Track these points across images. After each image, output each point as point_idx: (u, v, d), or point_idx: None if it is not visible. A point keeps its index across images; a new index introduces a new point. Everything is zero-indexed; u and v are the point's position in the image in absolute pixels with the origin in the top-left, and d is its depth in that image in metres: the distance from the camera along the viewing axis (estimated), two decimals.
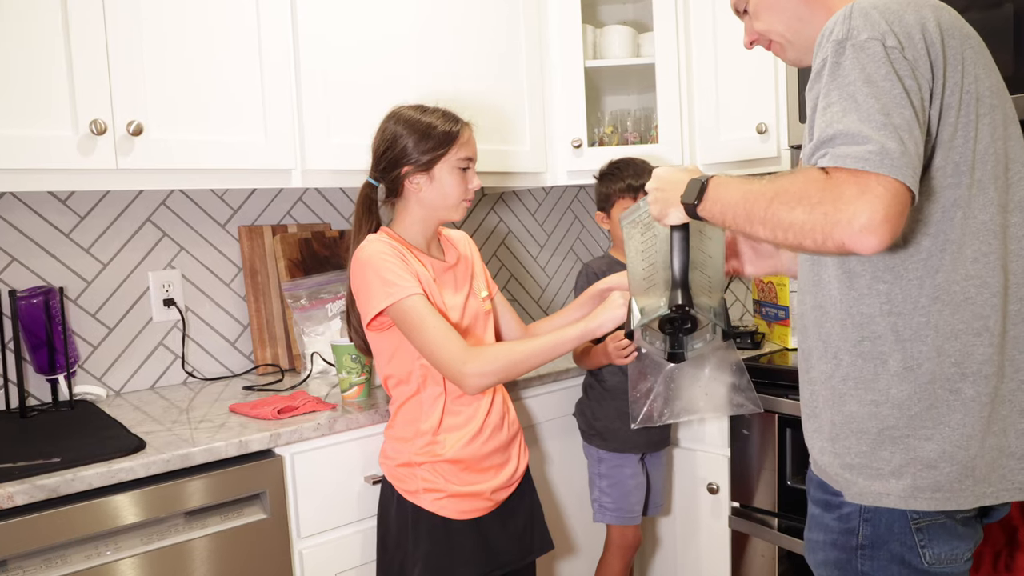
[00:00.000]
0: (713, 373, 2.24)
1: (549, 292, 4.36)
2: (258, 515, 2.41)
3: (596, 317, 2.33)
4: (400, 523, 2.43)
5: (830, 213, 1.50)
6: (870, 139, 1.50)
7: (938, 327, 1.69)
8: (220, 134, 2.71)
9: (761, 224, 1.62)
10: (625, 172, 3.03)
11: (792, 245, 1.59)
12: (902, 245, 1.70)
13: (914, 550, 1.76)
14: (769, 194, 1.61)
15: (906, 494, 1.73)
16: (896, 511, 1.76)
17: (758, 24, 2.01)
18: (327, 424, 2.52)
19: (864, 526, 1.80)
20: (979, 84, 1.68)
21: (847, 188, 1.49)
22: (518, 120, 3.53)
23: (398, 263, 2.33)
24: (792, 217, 1.55)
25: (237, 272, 3.31)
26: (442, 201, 2.44)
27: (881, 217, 1.46)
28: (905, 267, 1.70)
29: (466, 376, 2.28)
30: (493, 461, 2.48)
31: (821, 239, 1.52)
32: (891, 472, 1.74)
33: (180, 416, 2.63)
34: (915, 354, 1.71)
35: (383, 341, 2.43)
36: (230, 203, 3.29)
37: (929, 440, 1.71)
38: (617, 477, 3.12)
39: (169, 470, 2.23)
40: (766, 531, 3.12)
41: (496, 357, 2.30)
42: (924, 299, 1.69)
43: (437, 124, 2.40)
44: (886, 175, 1.48)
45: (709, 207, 1.78)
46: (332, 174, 2.96)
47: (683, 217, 1.90)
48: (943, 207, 1.67)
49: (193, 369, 3.21)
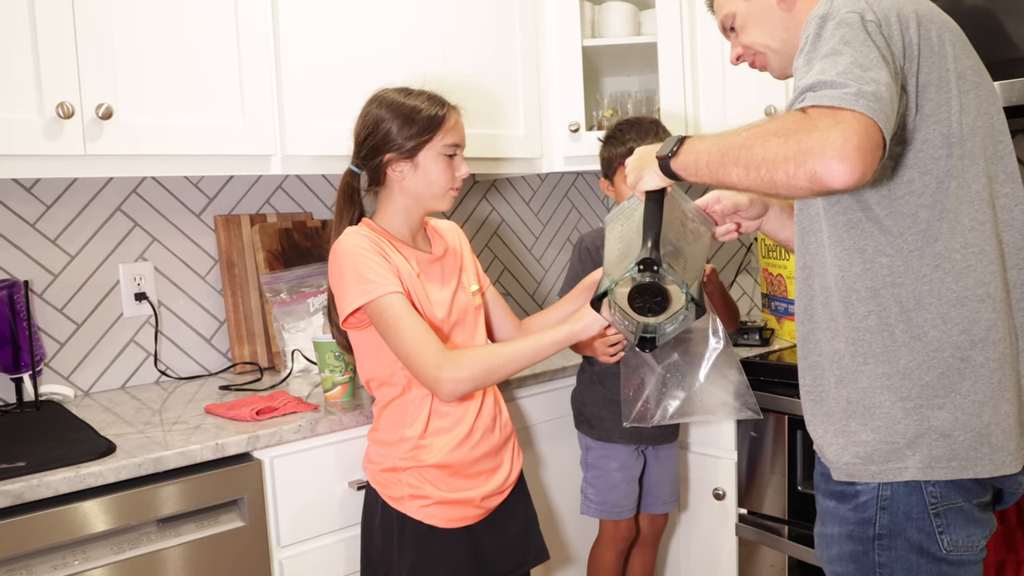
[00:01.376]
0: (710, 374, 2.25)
1: (545, 285, 4.36)
2: (235, 523, 2.41)
3: (581, 319, 2.29)
4: (385, 532, 2.42)
5: (803, 140, 1.58)
6: (848, 85, 1.60)
7: (941, 294, 1.79)
8: (195, 118, 2.71)
9: (734, 164, 1.71)
10: (628, 135, 2.97)
11: (765, 182, 1.66)
12: (899, 217, 1.80)
13: (932, 536, 1.83)
14: (744, 134, 1.71)
15: (923, 465, 1.81)
16: (914, 496, 1.83)
17: (744, 38, 2.20)
18: (308, 426, 2.52)
19: (881, 515, 1.86)
20: (959, 64, 1.81)
21: (822, 119, 1.58)
22: (511, 103, 3.53)
23: (377, 258, 2.33)
24: (765, 150, 1.64)
25: (213, 264, 3.31)
26: (427, 190, 2.43)
27: (854, 145, 1.54)
28: (904, 239, 1.80)
29: (441, 382, 2.26)
30: (484, 466, 2.47)
31: (793, 169, 1.59)
32: (906, 444, 1.82)
33: (152, 417, 2.63)
34: (920, 322, 1.80)
35: (363, 339, 2.43)
36: (206, 191, 3.29)
37: (941, 409, 1.81)
38: (602, 468, 3.12)
39: (141, 475, 2.23)
40: (776, 539, 3.13)
41: (474, 362, 2.28)
42: (925, 268, 1.79)
43: (422, 108, 2.40)
44: (861, 112, 1.57)
45: (682, 159, 1.87)
46: (314, 160, 2.96)
47: (658, 180, 1.98)
48: (937, 178, 1.79)
49: (166, 367, 3.21)
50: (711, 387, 2.25)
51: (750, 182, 1.68)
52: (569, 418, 3.26)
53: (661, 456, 3.21)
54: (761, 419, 2.79)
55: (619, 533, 3.19)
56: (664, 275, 1.92)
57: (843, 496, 1.92)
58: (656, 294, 1.95)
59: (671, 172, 1.91)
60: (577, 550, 3.35)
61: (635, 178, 2.05)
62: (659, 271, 1.92)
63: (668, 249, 1.97)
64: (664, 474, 3.23)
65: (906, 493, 1.84)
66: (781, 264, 3.57)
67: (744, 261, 4.18)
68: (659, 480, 3.23)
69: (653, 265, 1.91)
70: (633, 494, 3.16)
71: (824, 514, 2.00)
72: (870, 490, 1.87)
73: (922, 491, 1.83)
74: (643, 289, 1.96)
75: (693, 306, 1.98)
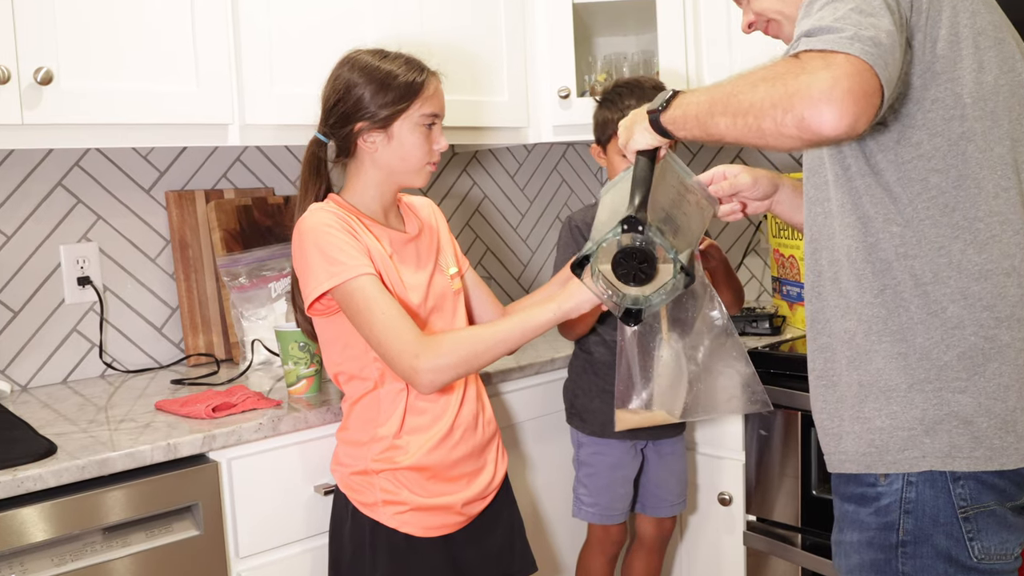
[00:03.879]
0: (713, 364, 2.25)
1: (532, 268, 4.37)
2: (189, 531, 2.42)
3: (572, 296, 2.27)
4: (356, 541, 2.43)
5: (790, 84, 1.62)
6: (844, 29, 1.63)
7: (961, 267, 1.81)
8: (144, 83, 2.70)
9: (722, 112, 1.76)
10: (627, 100, 2.90)
11: (752, 131, 1.70)
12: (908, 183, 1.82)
13: (961, 543, 1.83)
14: (734, 82, 1.76)
15: (943, 454, 1.82)
16: (941, 498, 1.83)
17: (756, 4, 2.20)
18: (270, 424, 2.52)
19: (905, 519, 1.86)
20: (977, 19, 1.82)
21: (812, 62, 1.62)
22: (494, 66, 3.53)
23: (345, 237, 2.32)
24: (753, 95, 1.68)
25: (164, 245, 3.31)
26: (401, 164, 2.43)
27: (844, 88, 1.57)
28: (914, 207, 1.82)
29: (419, 371, 2.25)
30: (465, 468, 2.48)
31: (780, 115, 1.63)
32: (924, 431, 1.83)
33: (98, 415, 2.64)
34: (938, 297, 1.82)
35: (330, 328, 2.43)
36: (156, 164, 3.29)
37: (963, 392, 1.82)
38: (596, 466, 3.12)
39: (85, 479, 2.23)
40: (788, 549, 3.14)
41: (454, 348, 2.28)
42: (942, 238, 1.81)
43: (398, 73, 2.39)
44: (856, 55, 1.59)
45: (672, 113, 1.92)
46: (276, 130, 2.96)
47: (649, 138, 2.02)
48: (949, 141, 1.80)
49: (113, 360, 3.22)
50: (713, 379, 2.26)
51: (738, 132, 1.73)
52: (560, 414, 3.26)
53: (664, 452, 3.18)
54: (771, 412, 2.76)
55: (609, 537, 3.19)
56: (651, 238, 1.93)
57: (863, 499, 1.92)
58: (642, 259, 1.96)
59: (662, 128, 1.95)
60: (567, 560, 3.36)
61: (626, 138, 2.09)
62: (645, 231, 1.92)
63: (660, 216, 1.98)
64: (669, 472, 3.20)
65: (933, 495, 1.84)
66: (793, 244, 3.57)
67: (753, 241, 4.19)
68: (663, 479, 3.21)
69: (638, 224, 1.92)
70: (627, 496, 3.16)
71: (842, 519, 2.00)
72: (893, 492, 1.87)
73: (950, 492, 1.83)
74: (628, 253, 1.96)
75: (682, 275, 1.98)
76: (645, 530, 3.29)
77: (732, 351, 2.25)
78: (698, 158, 4.35)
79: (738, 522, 3.28)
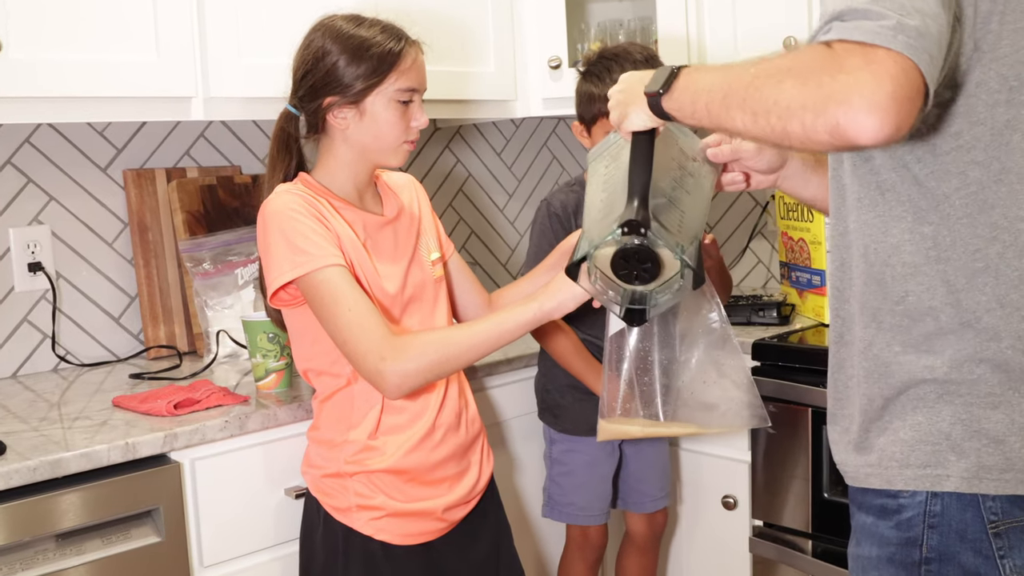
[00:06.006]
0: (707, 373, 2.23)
1: (520, 253, 4.37)
2: (149, 538, 2.42)
3: (553, 295, 2.24)
4: (328, 549, 2.43)
5: (825, 84, 1.52)
6: (886, 15, 1.52)
7: (999, 273, 1.74)
8: (100, 53, 2.69)
9: (740, 107, 1.65)
10: (614, 72, 2.82)
11: (777, 132, 1.61)
12: (944, 177, 1.74)
13: (991, 561, 1.78)
14: (754, 70, 1.65)
15: (970, 475, 1.77)
16: (969, 512, 1.78)
17: None
18: (237, 422, 2.53)
19: (930, 534, 1.81)
20: None
21: (850, 58, 1.51)
22: (480, 34, 3.53)
23: (312, 223, 2.30)
24: (779, 93, 1.58)
25: (122, 228, 3.31)
26: (375, 143, 2.42)
27: (887, 93, 1.48)
28: (951, 203, 1.74)
29: (384, 375, 2.24)
30: (447, 471, 2.48)
31: (811, 119, 1.54)
32: (951, 448, 1.78)
33: (50, 412, 2.64)
34: (972, 306, 1.75)
35: (298, 319, 2.42)
36: (113, 141, 3.28)
37: (995, 409, 1.76)
38: (568, 465, 3.14)
39: (36, 481, 2.23)
40: (797, 556, 3.15)
41: (423, 351, 2.27)
42: (979, 240, 1.74)
43: (374, 41, 2.36)
44: (900, 51, 1.49)
45: (678, 97, 1.81)
46: (243, 103, 2.96)
47: (647, 119, 1.92)
48: (992, 130, 1.71)
49: (67, 352, 3.22)
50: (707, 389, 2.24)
51: (758, 131, 1.64)
52: None
53: (642, 448, 3.21)
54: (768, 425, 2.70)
55: (589, 541, 3.21)
56: (654, 239, 1.88)
57: (883, 511, 1.87)
58: (645, 260, 1.91)
59: (663, 112, 1.85)
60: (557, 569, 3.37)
61: (619, 115, 2.00)
62: (647, 234, 1.87)
63: (660, 201, 1.94)
64: (648, 465, 3.24)
65: (960, 508, 1.79)
66: (803, 227, 3.57)
67: (759, 223, 4.19)
68: (643, 474, 3.23)
69: (640, 228, 1.87)
70: (605, 496, 3.17)
71: (860, 532, 1.95)
72: (916, 504, 1.82)
73: (979, 505, 1.78)
74: (629, 254, 1.91)
75: (690, 273, 1.95)
76: (635, 528, 3.31)
77: (729, 359, 2.24)
78: None
79: (744, 528, 3.29)
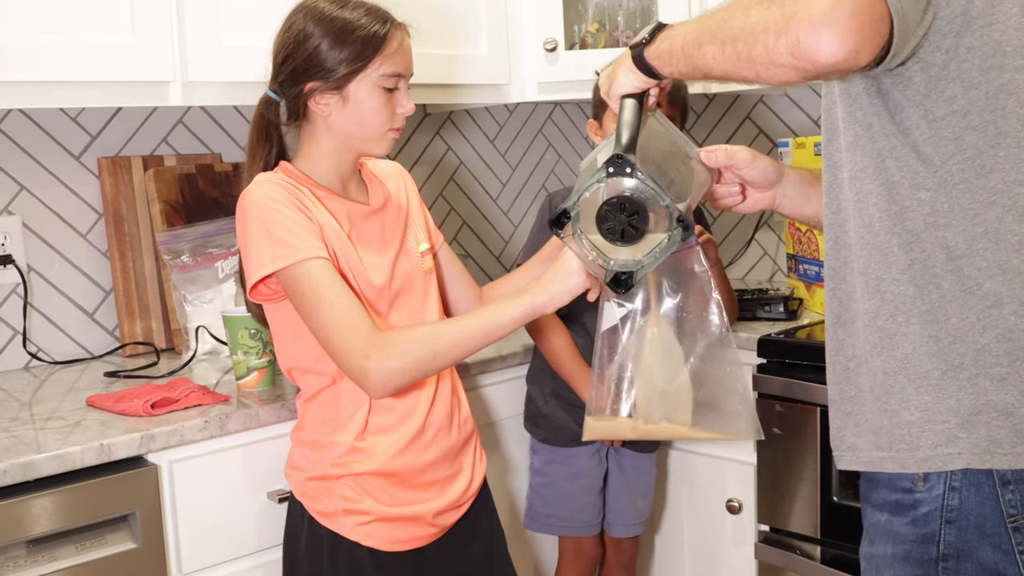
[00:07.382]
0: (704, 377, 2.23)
1: (514, 244, 4.37)
2: (125, 544, 2.42)
3: (546, 288, 2.25)
4: (313, 555, 2.44)
5: (787, 5, 1.63)
6: None
7: (999, 237, 1.78)
8: (73, 35, 2.69)
9: (711, 40, 1.78)
10: None
11: (743, 60, 1.72)
12: (940, 143, 1.79)
13: (1011, 556, 1.81)
14: (726, 8, 1.77)
15: (981, 450, 1.80)
16: (988, 506, 1.81)
17: None
18: (217, 422, 2.53)
19: (947, 529, 1.83)
20: None
21: None
22: (472, 15, 3.53)
23: (293, 213, 2.30)
24: (745, 20, 1.71)
25: (97, 219, 3.31)
26: (358, 130, 2.41)
27: (846, 11, 1.57)
28: (948, 168, 1.79)
29: (368, 373, 2.24)
30: (438, 473, 2.48)
31: (773, 40, 1.65)
32: (959, 424, 1.81)
33: (21, 412, 2.64)
34: (972, 272, 1.79)
35: (280, 315, 2.42)
36: (87, 127, 3.28)
37: (1003, 380, 1.79)
38: (549, 475, 3.16)
39: (6, 484, 2.23)
40: (805, 563, 3.15)
41: (409, 348, 2.27)
42: (977, 205, 1.78)
43: (359, 24, 2.35)
44: None
45: (657, 45, 1.94)
46: (223, 88, 2.96)
47: (633, 77, 2.02)
48: (987, 94, 1.77)
49: (38, 349, 3.22)
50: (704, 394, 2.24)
51: (726, 61, 1.75)
52: None
53: (625, 465, 3.22)
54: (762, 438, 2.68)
55: (582, 552, 3.22)
56: (643, 180, 1.92)
57: (898, 507, 1.89)
58: (632, 210, 1.94)
59: (647, 65, 1.96)
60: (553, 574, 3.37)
61: (608, 83, 2.09)
62: (635, 173, 1.91)
63: (650, 168, 1.96)
64: (628, 487, 3.24)
65: (979, 502, 1.81)
66: None
67: (765, 214, 4.20)
68: (621, 497, 3.24)
69: (626, 166, 1.91)
70: (593, 506, 3.19)
71: (873, 530, 1.97)
72: (933, 499, 1.84)
73: (998, 499, 1.80)
74: (616, 205, 1.94)
75: (679, 227, 1.96)
76: (607, 550, 3.34)
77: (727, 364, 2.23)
78: (703, 119, 4.35)
79: (749, 533, 3.30)
